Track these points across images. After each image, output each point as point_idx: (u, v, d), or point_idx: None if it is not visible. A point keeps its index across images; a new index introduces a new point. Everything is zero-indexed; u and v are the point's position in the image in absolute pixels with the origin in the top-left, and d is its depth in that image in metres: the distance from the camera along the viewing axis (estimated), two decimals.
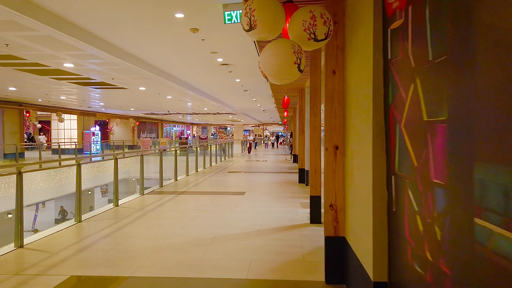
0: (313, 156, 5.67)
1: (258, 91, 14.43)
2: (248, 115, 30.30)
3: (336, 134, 3.41)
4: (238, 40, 6.81)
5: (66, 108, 22.51)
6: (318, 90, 5.68)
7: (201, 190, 9.21)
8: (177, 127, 51.62)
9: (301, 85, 9.76)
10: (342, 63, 3.39)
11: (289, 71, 2.81)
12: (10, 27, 5.27)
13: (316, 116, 5.65)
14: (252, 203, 7.44)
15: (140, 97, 15.80)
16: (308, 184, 9.86)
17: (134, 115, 30.61)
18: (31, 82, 10.74)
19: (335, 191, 3.43)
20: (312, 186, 5.74)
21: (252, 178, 11.52)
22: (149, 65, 8.59)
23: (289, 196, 8.25)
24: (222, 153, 20.08)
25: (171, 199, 7.89)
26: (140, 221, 5.87)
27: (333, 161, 3.42)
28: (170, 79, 10.31)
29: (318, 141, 5.66)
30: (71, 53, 6.89)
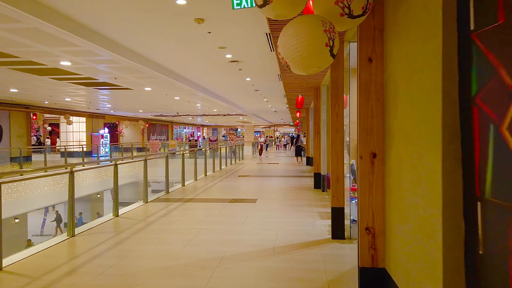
0: (334, 162, 4.96)
1: (270, 91, 13.74)
2: (259, 116, 29.62)
3: (374, 138, 2.70)
4: (248, 32, 6.14)
5: (74, 111, 22.16)
6: (341, 87, 4.97)
7: (210, 196, 8.55)
8: (187, 129, 51.24)
9: (316, 83, 9.03)
10: (381, 48, 2.68)
11: (320, 56, 2.11)
12: None
13: (338, 116, 4.94)
14: (264, 212, 6.75)
15: (147, 98, 15.26)
16: (325, 190, 9.14)
17: (143, 117, 30.22)
18: (32, 83, 10.25)
19: (372, 210, 2.72)
20: (334, 196, 5.02)
21: (264, 183, 10.83)
22: (152, 63, 7.98)
23: (305, 204, 7.54)
24: (233, 156, 19.44)
25: (177, 207, 7.25)
26: (140, 236, 5.23)
27: (370, 172, 2.71)
28: (177, 79, 9.69)
29: (341, 145, 4.94)
30: (65, 49, 6.31)
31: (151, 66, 7.96)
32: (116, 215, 6.48)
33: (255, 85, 12.17)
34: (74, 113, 22.64)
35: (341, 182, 4.99)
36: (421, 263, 1.94)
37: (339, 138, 4.96)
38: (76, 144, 24.85)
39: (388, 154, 2.58)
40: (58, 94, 13.22)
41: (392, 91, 2.49)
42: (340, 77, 4.96)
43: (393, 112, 2.46)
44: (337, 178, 4.98)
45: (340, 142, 4.95)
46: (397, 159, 2.38)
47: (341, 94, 4.97)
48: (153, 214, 6.65)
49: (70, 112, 21.97)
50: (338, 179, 4.98)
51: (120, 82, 10.05)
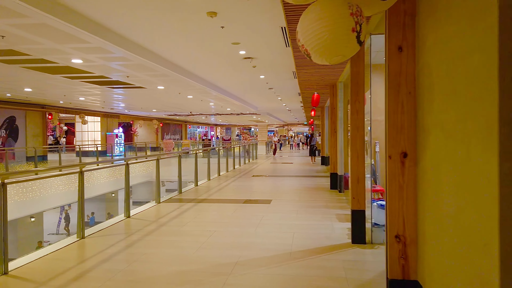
0: (355, 162, 4.68)
1: (284, 89, 13.47)
2: (272, 115, 29.35)
3: (405, 136, 2.43)
4: (262, 27, 5.89)
5: (89, 110, 22.30)
6: (361, 83, 4.69)
7: (223, 197, 8.34)
8: (201, 128, 51.32)
9: (333, 81, 8.73)
10: (413, 35, 2.40)
11: (345, 42, 1.86)
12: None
13: (359, 114, 4.66)
14: (280, 214, 6.50)
15: (160, 97, 15.17)
16: (342, 190, 8.83)
17: (157, 116, 30.29)
18: (45, 82, 10.23)
19: (402, 216, 2.45)
20: (354, 199, 4.74)
21: (278, 183, 10.58)
22: (164, 60, 7.81)
23: (321, 205, 7.25)
24: (246, 155, 19.24)
25: (190, 208, 7.07)
26: (151, 238, 5.05)
27: (400, 173, 2.44)
28: (190, 77, 9.52)
29: (361, 144, 4.66)
30: (76, 46, 6.19)
31: (163, 64, 7.79)
32: (127, 216, 6.32)
33: (269, 83, 11.92)
34: (89, 113, 22.78)
35: (361, 183, 4.70)
36: (467, 280, 1.66)
37: (360, 136, 4.67)
38: (91, 143, 25.03)
39: (422, 153, 2.31)
40: (72, 94, 13.23)
41: (426, 82, 2.21)
42: (361, 73, 4.68)
43: (428, 106, 2.18)
44: (357, 179, 4.70)
45: (361, 141, 4.67)
46: (433, 159, 2.10)
47: (362, 90, 4.68)
48: (165, 215, 6.47)
49: (85, 112, 22.11)
50: (359, 180, 4.70)
51: (133, 80, 9.94)
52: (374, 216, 4.79)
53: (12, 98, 15.45)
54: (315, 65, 6.73)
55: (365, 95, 7.16)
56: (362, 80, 4.67)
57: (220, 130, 58.16)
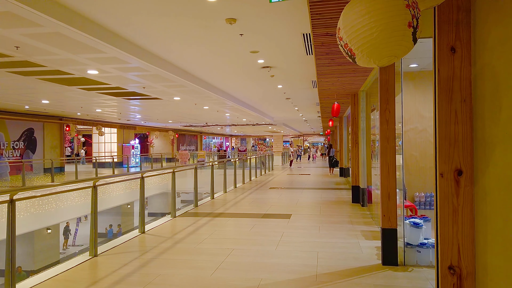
0: (385, 177, 4.32)
1: (302, 99, 13.18)
2: (288, 126, 29.03)
3: (459, 150, 2.09)
4: (283, 34, 5.64)
5: (106, 122, 22.44)
6: (391, 91, 4.35)
7: (240, 211, 8.03)
8: (216, 139, 51.32)
9: (354, 90, 8.40)
10: (468, 33, 2.08)
11: (400, 39, 1.55)
12: (12, 21, 4.44)
13: (389, 124, 4.32)
14: (301, 230, 6.15)
15: (176, 109, 15.07)
16: (365, 204, 8.41)
17: (173, 127, 30.36)
18: (63, 94, 10.21)
19: (457, 244, 2.09)
20: (385, 216, 4.36)
21: (297, 196, 10.20)
22: (181, 71, 7.63)
23: (345, 221, 6.86)
24: (262, 166, 18.92)
25: (206, 223, 6.77)
26: (167, 257, 4.76)
27: (454, 194, 2.09)
28: (206, 87, 9.33)
29: (393, 157, 4.30)
30: (91, 56, 6.05)
31: (180, 74, 7.62)
32: (142, 231, 6.07)
33: (287, 93, 11.65)
34: (106, 124, 22.92)
35: (393, 199, 4.33)
36: None
37: (391, 148, 4.32)
38: (108, 154, 25.16)
39: (482, 171, 1.96)
40: (89, 105, 13.24)
41: (488, 87, 1.88)
42: (391, 80, 4.35)
43: (490, 115, 1.85)
44: (388, 195, 4.33)
45: (392, 153, 4.31)
46: (501, 178, 1.76)
47: (392, 99, 4.34)
48: (181, 231, 6.19)
49: (102, 123, 22.25)
50: (390, 196, 4.33)
51: (149, 91, 9.82)
52: (407, 235, 4.40)
53: (31, 110, 15.60)
54: (338, 73, 6.43)
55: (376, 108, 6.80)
56: (393, 88, 4.34)
57: (235, 141, 58.07)
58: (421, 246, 4.32)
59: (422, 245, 4.33)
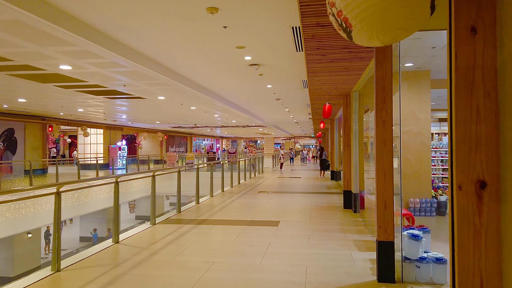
0: (381, 183, 3.90)
1: (292, 100, 12.76)
2: (279, 128, 28.64)
3: (482, 156, 1.66)
4: (270, 27, 5.20)
5: (91, 122, 21.76)
6: (389, 88, 3.94)
7: (226, 217, 7.55)
8: (207, 141, 50.73)
9: (346, 90, 8.00)
10: (492, 12, 1.65)
11: (414, 7, 1.09)
12: None
13: (386, 124, 3.90)
14: (289, 240, 5.70)
15: (162, 109, 14.54)
16: (357, 210, 8.00)
17: (161, 128, 29.73)
18: (39, 92, 9.62)
19: (480, 274, 1.66)
20: (381, 227, 3.94)
21: (286, 201, 9.76)
22: (162, 67, 7.14)
23: (336, 229, 6.43)
24: (252, 169, 18.46)
25: (188, 231, 6.29)
26: (139, 271, 4.27)
27: (475, 212, 1.67)
28: (191, 86, 8.85)
29: (390, 161, 3.89)
30: (61, 50, 5.54)
31: (161, 71, 7.13)
32: (116, 241, 5.56)
33: (277, 93, 11.22)
34: (92, 125, 22.24)
35: (389, 209, 3.91)
36: None
37: (388, 152, 3.90)
38: (94, 156, 24.46)
39: None
40: (70, 105, 12.64)
41: None
42: (388, 76, 3.93)
43: None
44: (384, 203, 3.91)
45: (389, 157, 3.89)
46: None
47: (389, 97, 3.93)
48: (159, 240, 5.70)
49: (87, 124, 21.57)
50: (386, 205, 3.90)
51: (131, 90, 9.29)
52: (405, 249, 3.98)
53: (10, 110, 14.93)
54: (329, 71, 6.02)
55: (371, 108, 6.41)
56: (390, 85, 3.92)
57: (226, 143, 57.52)
58: (421, 261, 3.91)
59: (421, 259, 3.91)
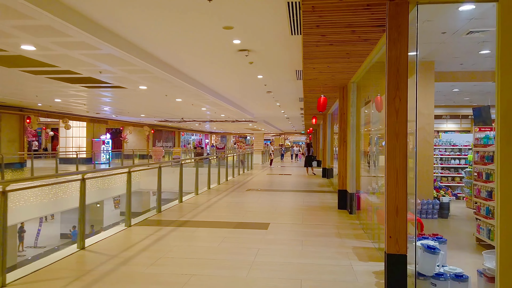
0: (392, 185, 3.26)
1: (284, 93, 12.08)
2: (269, 123, 27.95)
3: None
4: (262, 3, 4.50)
5: (74, 114, 20.74)
6: (403, 71, 3.29)
7: (210, 218, 6.86)
8: (195, 136, 49.80)
9: (343, 81, 7.36)
10: None
11: None
12: None
13: (400, 115, 3.26)
14: (280, 246, 5.04)
15: (146, 101, 13.71)
16: (353, 211, 7.39)
17: (148, 122, 28.77)
18: (5, 78, 8.73)
19: None
20: (391, 238, 3.29)
21: (276, 200, 9.11)
22: (139, 50, 6.35)
23: (332, 233, 5.80)
24: (241, 165, 17.77)
25: (166, 235, 5.58)
26: (100, 287, 3.56)
27: None
28: (175, 74, 8.08)
29: (403, 160, 3.25)
30: (17, 24, 4.70)
31: (139, 55, 6.37)
32: (81, 247, 4.82)
33: (268, 85, 10.52)
34: (74, 117, 21.22)
35: (402, 216, 3.27)
36: None
37: (401, 147, 3.25)
38: (76, 150, 23.48)
39: None
40: (44, 94, 11.71)
41: None
42: (403, 57, 3.28)
43: None
44: (396, 209, 3.27)
45: (403, 154, 3.25)
46: None
47: (404, 83, 3.27)
48: (132, 247, 4.98)
49: (69, 116, 20.56)
50: (399, 211, 3.26)
51: (108, 77, 8.47)
52: (419, 263, 3.35)
53: None
54: (328, 56, 5.35)
55: (381, 99, 5.78)
56: (405, 68, 3.27)
57: (215, 138, 56.66)
58: (437, 278, 3.28)
59: (438, 276, 3.29)
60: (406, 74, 3.27)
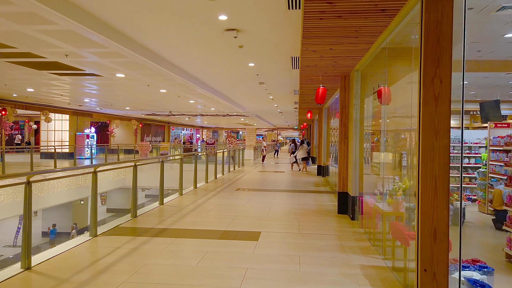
0: (428, 199, 2.38)
1: (278, 85, 11.14)
2: (262, 118, 27.01)
3: None
4: None
5: (54, 107, 19.57)
6: (447, 42, 2.40)
7: (192, 226, 5.93)
8: (186, 131, 48.66)
9: (346, 68, 6.45)
10: None
11: None
12: None
13: (440, 103, 2.39)
14: (273, 265, 4.13)
15: (128, 92, 12.66)
16: (355, 217, 6.52)
17: (135, 116, 27.63)
18: None
19: None
20: (427, 272, 2.40)
21: (269, 202, 8.20)
22: (107, 28, 5.37)
23: (334, 245, 4.91)
24: (231, 161, 16.82)
25: (135, 249, 4.64)
26: None
27: None
28: (154, 60, 7.08)
29: (445, 164, 2.34)
30: None
31: (109, 34, 5.37)
32: (26, 266, 3.86)
33: (260, 75, 9.57)
34: (55, 110, 20.04)
35: (442, 241, 2.37)
36: None
37: (442, 148, 2.35)
38: (58, 144, 22.31)
39: None
40: (12, 82, 10.58)
41: None
42: (447, 21, 2.37)
43: None
44: (433, 232, 2.37)
45: (444, 156, 2.35)
46: None
47: (448, 55, 2.37)
48: (90, 265, 4.03)
49: (49, 108, 19.39)
50: (437, 234, 2.37)
51: (77, 62, 7.41)
52: None
53: None
54: (332, 35, 4.43)
55: (388, 89, 4.89)
56: (449, 37, 2.36)
57: (207, 133, 55.54)
58: None
59: None
60: (450, 46, 2.36)
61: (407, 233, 3.54)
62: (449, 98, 2.37)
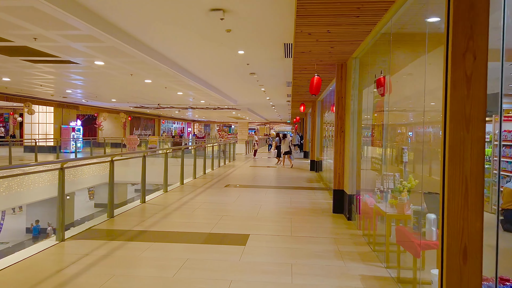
0: (457, 207, 1.85)
1: (270, 76, 10.58)
2: (254, 112, 26.42)
3: None
4: None
5: (38, 98, 18.77)
6: (483, 6, 1.82)
7: (173, 227, 5.39)
8: (177, 124, 47.87)
9: (343, 56, 5.93)
10: None
11: None
12: None
13: (474, 83, 1.80)
14: (261, 276, 3.61)
15: (112, 82, 11.97)
16: (352, 217, 6.03)
17: (124, 108, 26.84)
18: None
19: None
20: None
21: (259, 200, 7.68)
22: (77, 6, 4.77)
23: (330, 251, 4.41)
24: (222, 156, 16.26)
25: (107, 255, 4.08)
26: None
27: None
28: (134, 45, 6.47)
29: (479, 163, 1.80)
30: None
31: (79, 14, 4.76)
32: None
33: (251, 65, 8.99)
34: (38, 101, 19.24)
35: (474, 262, 1.86)
36: None
37: (476, 142, 1.83)
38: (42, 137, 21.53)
39: None
40: None
41: None
42: None
43: None
44: (463, 250, 1.86)
45: (478, 154, 1.83)
46: None
47: (484, 24, 1.84)
48: (49, 278, 3.47)
49: (32, 100, 18.59)
50: (467, 253, 1.86)
51: (49, 47, 6.73)
52: None
53: None
54: (330, 15, 3.87)
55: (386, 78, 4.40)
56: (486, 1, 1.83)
57: (198, 127, 54.77)
58: None
59: None
60: (487, 12, 1.83)
61: (417, 241, 3.05)
62: (485, 79, 1.84)
